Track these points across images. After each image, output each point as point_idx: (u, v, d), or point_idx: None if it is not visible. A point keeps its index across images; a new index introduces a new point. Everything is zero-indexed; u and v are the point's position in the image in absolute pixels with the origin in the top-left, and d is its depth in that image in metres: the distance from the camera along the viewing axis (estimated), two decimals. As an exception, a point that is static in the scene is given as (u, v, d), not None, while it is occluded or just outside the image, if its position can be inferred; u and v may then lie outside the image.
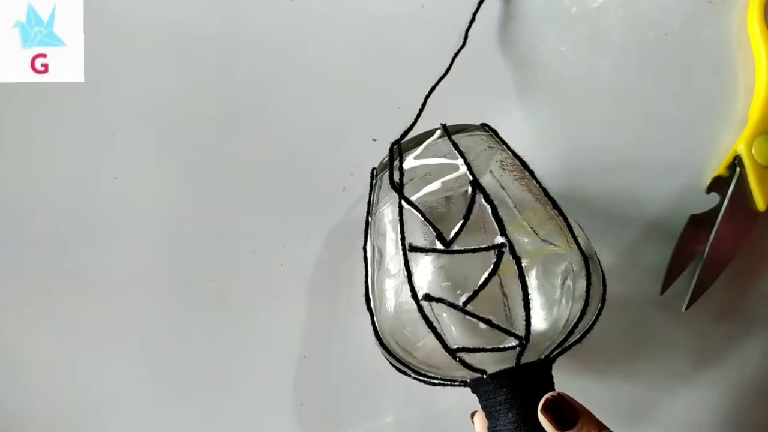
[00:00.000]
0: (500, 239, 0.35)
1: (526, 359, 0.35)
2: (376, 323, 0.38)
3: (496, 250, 0.35)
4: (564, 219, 0.38)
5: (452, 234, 0.36)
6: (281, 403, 0.45)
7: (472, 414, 0.39)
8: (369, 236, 0.40)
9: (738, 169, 0.44)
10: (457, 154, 0.38)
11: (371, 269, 0.39)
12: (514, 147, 0.40)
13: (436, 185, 0.38)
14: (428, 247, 0.36)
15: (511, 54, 0.47)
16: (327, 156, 0.47)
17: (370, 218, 0.40)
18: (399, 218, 0.37)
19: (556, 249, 0.37)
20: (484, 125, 0.41)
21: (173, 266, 0.46)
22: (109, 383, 0.45)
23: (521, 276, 0.34)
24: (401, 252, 0.36)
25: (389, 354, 0.38)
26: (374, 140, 0.46)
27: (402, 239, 0.36)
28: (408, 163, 0.39)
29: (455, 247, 0.36)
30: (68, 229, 0.46)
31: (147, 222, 0.46)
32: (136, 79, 0.47)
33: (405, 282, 0.36)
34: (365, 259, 0.40)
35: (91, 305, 0.45)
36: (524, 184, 0.39)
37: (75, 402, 0.45)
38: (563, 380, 0.37)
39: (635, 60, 0.47)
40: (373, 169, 0.42)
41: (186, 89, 0.47)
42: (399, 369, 0.38)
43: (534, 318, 0.35)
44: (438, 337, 0.35)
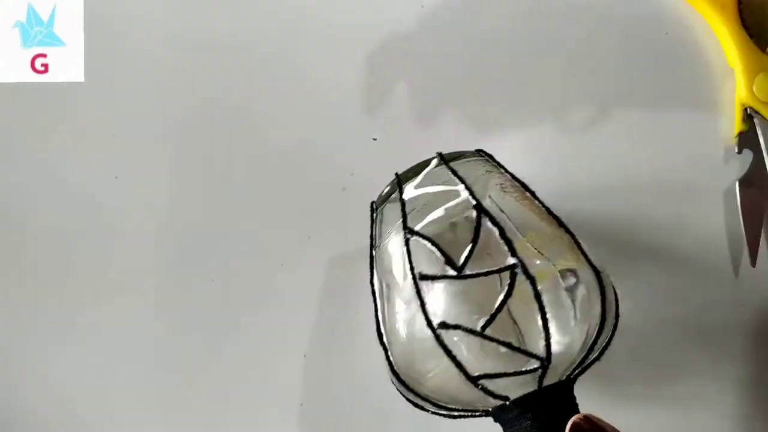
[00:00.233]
0: (512, 260, 0.34)
1: (547, 382, 0.35)
2: (391, 358, 0.37)
3: (510, 271, 0.34)
4: (571, 236, 0.37)
5: (462, 259, 0.35)
6: (281, 403, 0.45)
7: None
8: (375, 270, 0.40)
9: (754, 117, 0.45)
10: (457, 180, 0.37)
11: (380, 303, 0.39)
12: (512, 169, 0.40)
13: (439, 212, 0.37)
14: (439, 274, 0.35)
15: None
16: (327, 156, 0.47)
17: (374, 252, 0.40)
18: (406, 249, 0.36)
19: (566, 264, 0.37)
20: (480, 151, 0.41)
21: (173, 266, 0.46)
22: (109, 383, 0.45)
23: (537, 295, 0.34)
24: (411, 282, 0.35)
25: (407, 389, 0.37)
26: (374, 140, 0.46)
27: (411, 269, 0.36)
28: (408, 193, 0.39)
29: (467, 272, 0.35)
30: (68, 229, 0.46)
31: (147, 222, 0.46)
32: (136, 79, 0.47)
33: (415, 313, 0.35)
34: (373, 294, 0.39)
35: (91, 305, 0.45)
36: (525, 206, 0.38)
37: (75, 402, 0.45)
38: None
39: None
40: (372, 203, 0.41)
41: (186, 89, 0.47)
42: (416, 404, 0.38)
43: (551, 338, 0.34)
44: (458, 366, 0.34)
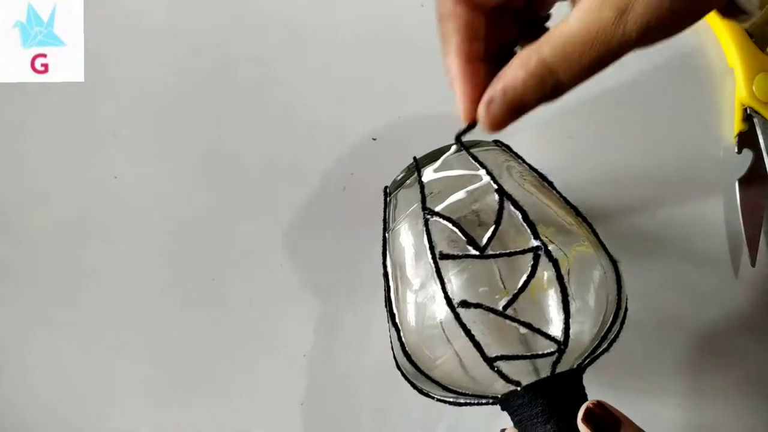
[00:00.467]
0: (534, 242, 0.34)
1: (559, 369, 0.35)
2: (403, 338, 0.37)
3: (533, 253, 0.34)
4: (588, 225, 0.38)
5: (485, 240, 0.35)
6: (281, 403, 0.45)
7: None
8: (387, 253, 0.39)
9: (753, 117, 0.45)
10: (478, 166, 0.37)
11: (393, 286, 0.39)
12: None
13: (461, 194, 0.37)
14: (461, 254, 0.35)
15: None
16: (327, 156, 0.47)
17: (387, 235, 0.40)
18: (425, 229, 0.36)
19: (586, 251, 0.37)
20: (497, 141, 0.41)
21: (173, 266, 0.46)
22: (108, 383, 0.45)
23: (559, 278, 0.34)
24: (427, 263, 0.35)
25: (418, 371, 0.37)
26: (374, 140, 0.46)
27: (431, 248, 0.35)
28: (427, 176, 0.39)
29: (489, 252, 0.35)
30: (68, 229, 0.46)
31: (147, 222, 0.46)
32: (136, 79, 0.47)
33: (429, 297, 0.35)
34: (385, 276, 0.39)
35: (91, 305, 0.45)
36: (544, 194, 0.39)
37: (75, 402, 0.45)
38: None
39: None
40: (386, 188, 0.41)
41: (186, 89, 0.47)
42: (422, 391, 0.38)
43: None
44: (476, 346, 0.34)
